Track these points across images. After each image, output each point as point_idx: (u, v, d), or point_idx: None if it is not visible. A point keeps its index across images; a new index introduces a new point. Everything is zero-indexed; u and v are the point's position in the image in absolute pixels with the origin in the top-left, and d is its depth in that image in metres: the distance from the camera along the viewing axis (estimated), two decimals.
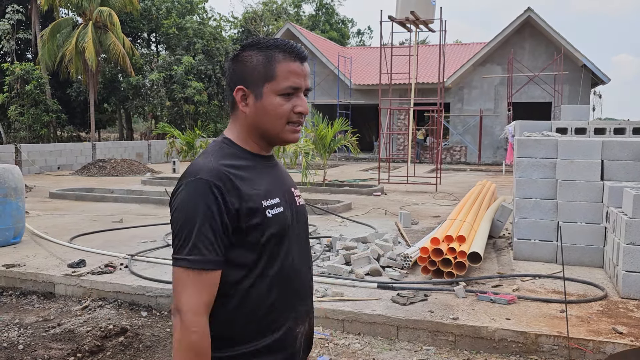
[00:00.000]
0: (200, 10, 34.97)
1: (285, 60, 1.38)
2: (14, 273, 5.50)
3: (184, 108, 27.87)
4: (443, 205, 10.61)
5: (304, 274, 1.47)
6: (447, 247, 5.08)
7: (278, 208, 1.39)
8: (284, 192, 1.45)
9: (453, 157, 23.83)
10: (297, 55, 1.39)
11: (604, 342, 3.75)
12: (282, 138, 1.42)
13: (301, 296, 1.45)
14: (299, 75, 1.38)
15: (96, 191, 12.24)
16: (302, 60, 1.40)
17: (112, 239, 7.09)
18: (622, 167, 5.65)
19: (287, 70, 1.37)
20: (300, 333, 1.45)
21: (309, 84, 1.43)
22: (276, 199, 1.40)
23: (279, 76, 1.37)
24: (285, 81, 1.37)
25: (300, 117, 1.41)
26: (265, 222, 1.35)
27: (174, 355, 1.27)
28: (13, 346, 4.08)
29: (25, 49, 30.02)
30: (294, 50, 1.39)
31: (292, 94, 1.39)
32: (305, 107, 1.40)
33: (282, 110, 1.38)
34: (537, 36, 22.01)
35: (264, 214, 1.35)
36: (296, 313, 1.43)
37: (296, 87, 1.38)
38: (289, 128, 1.40)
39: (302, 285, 1.46)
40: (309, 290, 1.50)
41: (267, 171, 1.45)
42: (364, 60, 27.97)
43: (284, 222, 1.40)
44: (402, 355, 3.90)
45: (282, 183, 1.48)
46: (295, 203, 1.49)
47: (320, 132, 12.67)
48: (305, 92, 1.43)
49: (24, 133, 23.56)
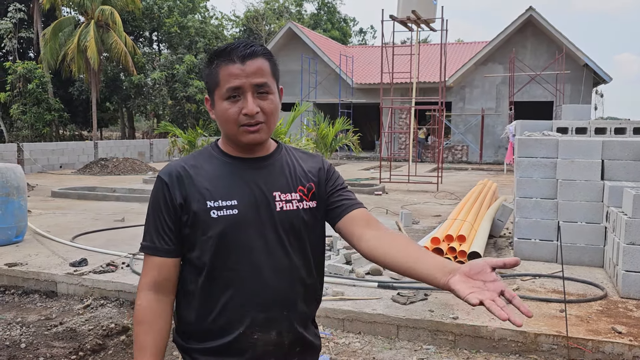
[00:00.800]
0: (202, 9, 35.02)
1: (224, 64, 1.39)
2: (16, 272, 5.53)
3: (185, 107, 27.92)
4: (444, 204, 10.63)
5: (272, 282, 1.40)
6: (448, 246, 5.10)
7: (230, 210, 1.39)
8: (253, 196, 1.42)
9: (454, 157, 23.84)
10: (236, 55, 1.38)
11: (603, 341, 3.76)
12: (239, 140, 1.43)
13: (262, 304, 1.40)
14: (238, 76, 1.37)
15: (98, 190, 12.28)
16: (243, 59, 1.37)
17: (114, 238, 7.12)
18: (622, 167, 5.66)
19: (226, 74, 1.38)
20: (262, 341, 1.41)
21: (258, 80, 1.38)
22: (232, 202, 1.39)
23: (221, 81, 1.39)
24: (225, 84, 1.38)
25: (250, 118, 1.38)
26: (208, 221, 1.39)
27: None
28: (15, 345, 4.11)
29: (28, 47, 30.08)
30: (232, 50, 1.39)
31: (238, 96, 1.38)
32: (250, 109, 1.37)
33: (228, 115, 1.39)
34: (539, 35, 22.00)
35: (207, 214, 1.39)
36: (252, 320, 1.40)
37: (236, 88, 1.37)
38: (242, 130, 1.40)
39: (267, 293, 1.40)
40: (278, 300, 1.42)
41: (240, 173, 1.44)
42: (365, 59, 27.98)
43: (235, 226, 1.38)
44: (402, 355, 3.92)
45: (258, 186, 1.44)
46: (272, 208, 1.43)
47: (321, 131, 12.69)
48: (258, 90, 1.39)
49: (26, 132, 23.63)
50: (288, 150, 1.57)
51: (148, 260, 1.45)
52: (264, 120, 1.41)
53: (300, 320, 1.48)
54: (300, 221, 1.47)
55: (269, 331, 1.42)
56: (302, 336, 1.49)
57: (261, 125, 1.41)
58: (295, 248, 1.46)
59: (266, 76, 1.41)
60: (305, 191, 1.50)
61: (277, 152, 1.53)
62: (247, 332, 1.40)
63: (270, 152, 1.52)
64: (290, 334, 1.45)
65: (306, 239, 1.49)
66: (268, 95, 1.41)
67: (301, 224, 1.48)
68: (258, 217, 1.42)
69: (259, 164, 1.48)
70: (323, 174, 1.55)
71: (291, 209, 1.46)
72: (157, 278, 1.43)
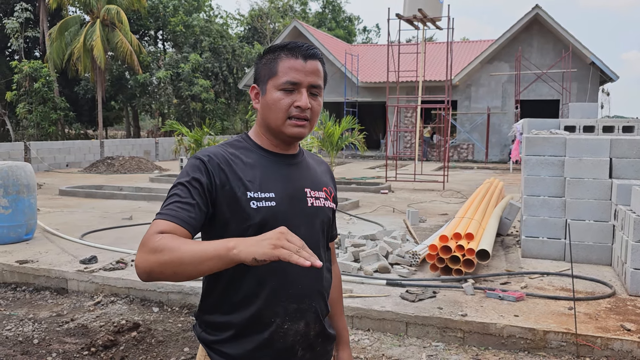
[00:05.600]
0: (207, 8, 35.07)
1: (287, 58, 1.45)
2: (27, 269, 5.58)
3: (190, 106, 27.98)
4: (450, 203, 10.63)
5: (303, 274, 1.43)
6: (456, 244, 5.10)
7: (268, 202, 1.42)
8: (289, 190, 1.47)
9: (460, 155, 23.81)
10: (300, 52, 1.45)
11: (612, 339, 3.77)
12: (283, 132, 1.46)
13: (294, 295, 1.44)
14: (299, 71, 1.43)
15: (105, 188, 12.33)
16: (306, 58, 1.45)
17: (122, 235, 7.16)
18: (630, 165, 5.66)
19: (287, 67, 1.44)
20: (292, 331, 1.44)
21: (315, 80, 1.46)
22: (269, 194, 1.43)
23: (279, 72, 1.44)
24: (284, 76, 1.44)
25: (301, 111, 1.44)
26: (248, 211, 1.39)
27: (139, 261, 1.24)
28: (28, 340, 4.15)
29: (34, 47, 30.20)
30: (297, 48, 1.46)
31: (293, 90, 1.44)
32: (304, 102, 1.43)
33: (281, 105, 1.44)
34: (545, 33, 21.93)
35: (247, 203, 1.40)
36: (285, 310, 1.43)
37: (295, 82, 1.43)
38: (289, 122, 1.45)
39: (298, 284, 1.45)
40: (307, 292, 1.46)
41: (275, 167, 1.49)
42: (370, 58, 27.96)
43: (273, 218, 1.41)
44: (411, 351, 3.94)
45: (291, 181, 1.50)
46: (304, 203, 1.49)
47: (327, 130, 12.70)
48: (312, 90, 1.46)
49: (32, 131, 23.72)
50: (305, 152, 1.65)
51: (159, 223, 1.29)
52: (310, 117, 1.47)
53: (323, 313, 1.54)
54: (326, 218, 1.57)
55: (299, 322, 1.46)
56: (324, 327, 1.55)
57: (307, 122, 1.47)
58: (321, 243, 1.55)
59: (320, 79, 1.49)
60: (328, 192, 1.61)
61: (301, 153, 1.61)
62: (279, 323, 1.43)
63: (297, 151, 1.59)
64: (317, 325, 1.51)
65: (326, 236, 1.60)
66: (318, 97, 1.49)
67: (326, 221, 1.57)
68: (293, 210, 1.46)
69: (292, 161, 1.54)
70: (332, 184, 1.68)
71: (320, 206, 1.54)
72: (166, 231, 1.27)
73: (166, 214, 1.30)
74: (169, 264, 1.19)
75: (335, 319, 1.72)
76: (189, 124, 26.77)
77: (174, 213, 1.30)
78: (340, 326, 1.73)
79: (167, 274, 1.20)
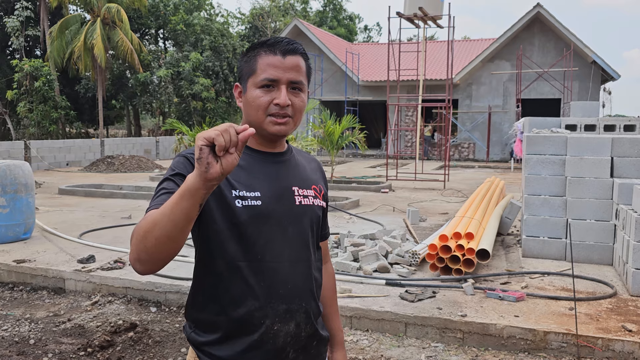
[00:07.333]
0: (208, 7, 35.01)
1: (266, 54, 1.43)
2: (25, 268, 5.55)
3: (191, 104, 27.93)
4: (451, 202, 10.59)
5: (292, 273, 1.44)
6: (456, 244, 5.07)
7: (254, 201, 1.40)
8: (275, 188, 1.45)
9: (461, 154, 23.76)
10: (279, 48, 1.43)
11: (613, 339, 3.74)
12: (264, 129, 1.44)
13: (283, 295, 1.42)
14: (277, 68, 1.41)
15: (105, 187, 12.32)
16: (285, 54, 1.42)
17: (121, 234, 7.13)
18: (632, 164, 5.61)
19: (266, 64, 1.42)
20: (282, 332, 1.42)
21: (294, 77, 1.43)
22: (255, 193, 1.41)
23: (258, 69, 1.43)
24: (262, 74, 1.42)
25: (281, 109, 1.41)
26: (233, 209, 1.38)
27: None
28: (24, 340, 4.12)
29: (34, 45, 30.17)
30: (276, 44, 1.44)
31: (272, 87, 1.42)
32: (282, 99, 1.40)
33: (260, 102, 1.42)
34: (547, 32, 21.87)
35: (233, 202, 1.38)
36: (274, 311, 1.41)
37: (273, 79, 1.41)
38: (270, 120, 1.43)
39: (288, 284, 1.43)
40: (297, 292, 1.45)
41: (261, 166, 1.47)
42: (371, 57, 27.91)
43: (259, 217, 1.40)
44: (410, 352, 3.91)
45: (278, 179, 1.47)
46: (292, 202, 1.47)
47: (328, 129, 12.67)
48: (292, 86, 1.43)
49: (33, 129, 23.69)
50: (294, 149, 1.63)
51: (146, 215, 1.27)
52: (292, 114, 1.45)
53: (314, 313, 1.51)
54: (315, 216, 1.54)
55: (289, 323, 1.44)
56: (316, 328, 1.52)
57: (288, 118, 1.45)
58: (310, 242, 1.53)
59: (302, 75, 1.46)
60: (318, 190, 1.58)
61: (290, 151, 1.58)
62: (268, 324, 1.41)
63: (285, 149, 1.56)
64: (308, 326, 1.48)
65: (316, 235, 1.57)
66: (300, 92, 1.46)
67: (315, 220, 1.54)
68: (280, 209, 1.45)
69: (278, 159, 1.52)
70: (323, 182, 1.65)
71: (308, 204, 1.52)
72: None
73: (154, 205, 1.29)
74: (147, 233, 1.17)
75: (330, 319, 1.70)
76: (189, 122, 26.72)
77: (161, 202, 1.28)
78: (335, 326, 1.72)
79: (149, 246, 1.18)
